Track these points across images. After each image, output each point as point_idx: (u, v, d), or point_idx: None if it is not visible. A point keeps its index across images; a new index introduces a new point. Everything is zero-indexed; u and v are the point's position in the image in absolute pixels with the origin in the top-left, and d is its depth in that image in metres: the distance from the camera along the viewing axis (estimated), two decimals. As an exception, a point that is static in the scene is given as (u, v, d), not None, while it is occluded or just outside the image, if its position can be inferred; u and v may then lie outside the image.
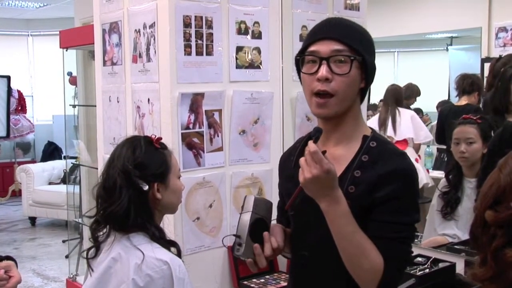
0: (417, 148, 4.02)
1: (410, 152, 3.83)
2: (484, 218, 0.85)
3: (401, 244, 1.32)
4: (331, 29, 1.37)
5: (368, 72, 1.37)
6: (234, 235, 1.43)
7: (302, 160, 1.26)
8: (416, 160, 3.75)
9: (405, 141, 3.93)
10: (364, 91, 1.41)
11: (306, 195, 1.29)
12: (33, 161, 8.57)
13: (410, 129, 3.98)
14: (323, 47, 1.34)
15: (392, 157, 1.35)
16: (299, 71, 1.42)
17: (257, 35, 2.52)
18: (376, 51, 1.43)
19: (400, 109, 4.11)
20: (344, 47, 1.33)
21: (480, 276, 0.85)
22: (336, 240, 1.30)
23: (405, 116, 4.06)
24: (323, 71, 1.32)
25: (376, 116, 4.35)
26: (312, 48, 1.36)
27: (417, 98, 5.00)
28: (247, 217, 1.42)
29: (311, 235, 1.41)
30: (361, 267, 1.29)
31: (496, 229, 0.83)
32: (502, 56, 2.77)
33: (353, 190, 1.33)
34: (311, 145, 1.25)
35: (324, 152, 1.25)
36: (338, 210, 1.27)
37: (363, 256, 1.28)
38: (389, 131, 4.01)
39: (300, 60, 1.40)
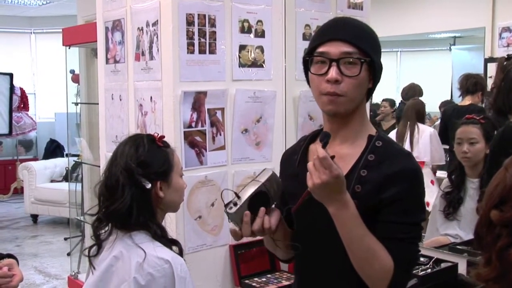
0: (434, 169, 3.81)
1: (426, 172, 3.54)
2: (489, 217, 0.84)
3: (409, 244, 1.32)
4: (340, 29, 1.37)
5: (375, 73, 1.38)
6: (235, 192, 1.42)
7: (310, 165, 1.25)
8: (432, 182, 3.56)
9: (422, 162, 3.76)
10: (371, 90, 1.42)
11: (311, 196, 1.29)
12: (35, 159, 8.59)
13: (427, 150, 3.79)
14: (333, 49, 1.34)
15: (399, 157, 1.35)
16: (306, 71, 1.42)
17: (260, 34, 2.52)
18: (379, 50, 1.44)
19: (420, 126, 3.93)
20: (353, 49, 1.33)
21: (484, 276, 0.85)
22: (346, 243, 1.30)
23: (424, 134, 3.87)
24: (333, 73, 1.32)
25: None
26: (321, 49, 1.36)
27: (420, 98, 4.97)
28: (255, 185, 1.41)
29: (316, 235, 1.40)
30: (372, 269, 1.29)
31: (501, 228, 0.83)
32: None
33: (360, 190, 1.33)
34: (320, 151, 1.24)
35: (333, 157, 1.25)
36: (347, 214, 1.28)
37: (373, 258, 1.29)
38: (406, 147, 3.82)
39: (309, 60, 1.40)
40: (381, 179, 1.32)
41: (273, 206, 1.44)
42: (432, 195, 3.07)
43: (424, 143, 3.81)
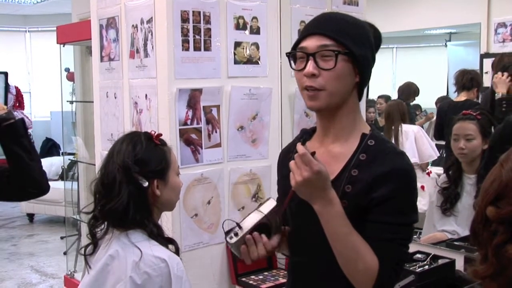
0: (424, 166, 3.74)
1: (418, 176, 3.36)
2: (485, 214, 0.83)
3: (397, 245, 1.29)
4: (320, 24, 1.36)
5: (361, 66, 1.34)
6: (236, 223, 1.41)
7: (292, 163, 1.24)
8: (422, 188, 3.36)
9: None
10: (361, 86, 1.38)
11: (299, 197, 1.28)
12: (31, 158, 8.54)
13: (414, 150, 3.69)
14: (310, 43, 1.33)
15: (390, 156, 1.32)
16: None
17: (256, 31, 2.51)
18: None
19: (405, 127, 3.83)
20: (330, 42, 1.31)
21: (481, 273, 0.84)
22: (331, 242, 1.28)
23: (409, 135, 3.78)
24: (309, 67, 1.31)
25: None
26: (302, 44, 1.35)
27: (415, 97, 4.96)
28: (257, 216, 1.39)
29: (309, 236, 1.39)
30: (356, 269, 1.27)
31: (498, 225, 0.82)
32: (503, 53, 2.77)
33: (350, 190, 1.31)
34: (299, 148, 1.23)
35: (313, 154, 1.23)
36: (332, 211, 1.26)
37: (358, 258, 1.26)
38: None
39: (292, 57, 1.39)
40: (371, 179, 1.29)
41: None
42: (420, 200, 2.98)
43: (410, 144, 3.73)
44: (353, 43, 1.32)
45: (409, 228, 1.32)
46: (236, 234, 1.38)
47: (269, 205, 1.41)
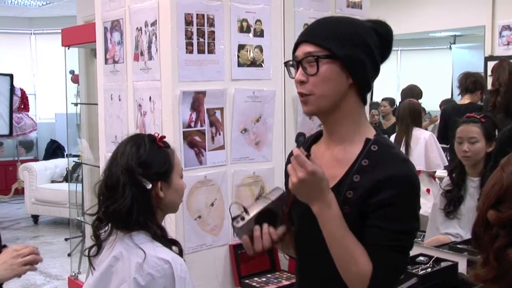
0: (431, 172, 3.58)
1: (422, 179, 3.25)
2: (487, 217, 0.84)
3: (394, 252, 1.27)
4: (307, 32, 1.40)
5: (352, 67, 1.33)
6: (243, 207, 1.41)
7: (289, 166, 1.26)
8: (427, 191, 3.32)
9: (418, 171, 3.45)
10: (360, 88, 1.36)
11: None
12: (35, 160, 8.59)
13: (421, 157, 3.56)
14: (299, 51, 1.37)
15: (393, 162, 1.31)
16: None
17: (259, 33, 2.52)
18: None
19: (416, 130, 3.67)
20: (315, 48, 1.33)
21: (482, 277, 0.85)
22: (327, 242, 1.29)
23: (420, 140, 3.63)
24: (298, 74, 1.36)
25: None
26: (295, 53, 1.39)
27: (418, 100, 4.94)
28: (264, 203, 1.40)
29: (315, 236, 1.39)
30: (348, 271, 1.27)
31: (499, 229, 0.82)
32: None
33: (351, 195, 1.30)
34: (294, 150, 1.25)
35: (308, 155, 1.25)
36: (329, 213, 1.26)
37: (351, 261, 1.26)
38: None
39: (291, 66, 1.42)
40: (372, 184, 1.28)
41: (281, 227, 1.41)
42: (425, 203, 2.84)
43: (419, 150, 3.61)
44: (339, 46, 1.31)
45: (409, 235, 1.30)
46: (242, 219, 1.38)
47: (276, 193, 1.43)
